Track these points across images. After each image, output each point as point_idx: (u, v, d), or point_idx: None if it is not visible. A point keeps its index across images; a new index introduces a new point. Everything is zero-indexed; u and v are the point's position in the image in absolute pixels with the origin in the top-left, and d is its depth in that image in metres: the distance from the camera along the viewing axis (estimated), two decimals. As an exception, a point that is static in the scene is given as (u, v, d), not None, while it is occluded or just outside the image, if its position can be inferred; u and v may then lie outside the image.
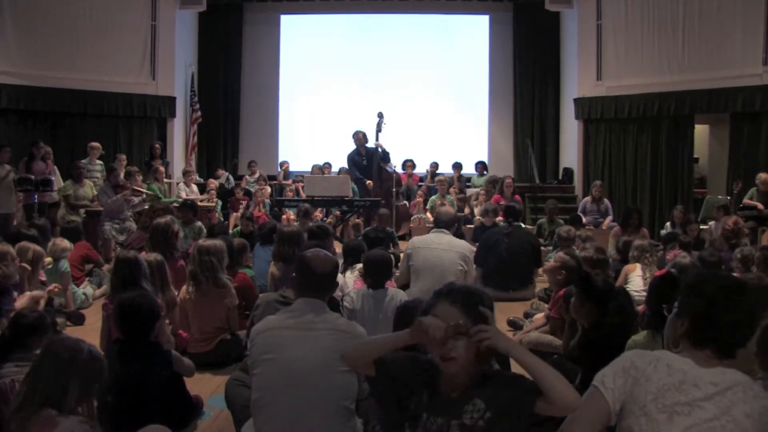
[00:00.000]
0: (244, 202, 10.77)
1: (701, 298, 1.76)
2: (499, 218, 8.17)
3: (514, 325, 5.45)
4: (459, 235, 6.52)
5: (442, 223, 5.45)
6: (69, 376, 2.37)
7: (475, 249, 5.96)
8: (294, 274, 2.85)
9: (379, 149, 10.16)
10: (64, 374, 2.36)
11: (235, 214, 10.37)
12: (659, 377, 1.68)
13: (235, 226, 9.31)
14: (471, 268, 5.35)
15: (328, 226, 6.19)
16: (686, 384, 1.66)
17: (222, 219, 10.32)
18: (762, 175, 9.02)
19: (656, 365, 1.70)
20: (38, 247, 5.12)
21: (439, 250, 5.17)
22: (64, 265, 5.90)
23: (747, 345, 1.79)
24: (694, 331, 1.76)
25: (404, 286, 4.97)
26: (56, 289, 5.43)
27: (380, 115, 10.07)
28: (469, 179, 12.34)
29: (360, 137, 10.22)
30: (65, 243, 6.06)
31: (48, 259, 5.79)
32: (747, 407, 1.64)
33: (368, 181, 10.18)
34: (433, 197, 10.62)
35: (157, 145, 11.08)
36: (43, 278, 5.45)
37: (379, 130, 10.06)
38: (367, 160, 10.24)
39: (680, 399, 1.64)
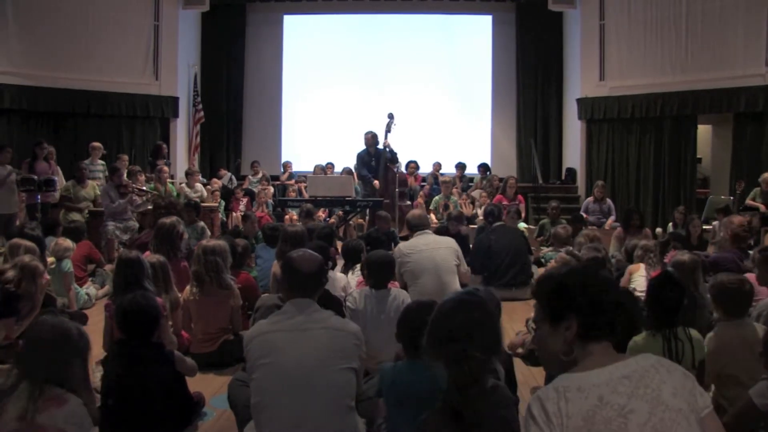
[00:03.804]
0: (244, 201, 10.77)
1: (584, 293, 1.63)
2: (481, 218, 8.25)
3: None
4: (462, 236, 6.55)
5: (416, 227, 5.52)
6: (68, 355, 2.40)
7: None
8: (281, 276, 2.85)
9: (387, 149, 10.16)
10: (62, 353, 2.39)
11: (234, 214, 10.39)
12: (579, 407, 1.52)
13: (236, 226, 9.32)
14: (462, 262, 5.46)
15: (334, 230, 6.17)
16: (605, 396, 1.53)
17: (224, 219, 10.32)
18: (765, 176, 9.00)
19: (567, 396, 1.54)
20: (30, 243, 5.01)
21: (428, 251, 5.24)
22: (67, 265, 5.89)
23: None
24: (585, 327, 1.62)
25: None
26: (47, 278, 5.35)
27: (390, 116, 10.05)
28: (471, 179, 12.33)
29: (369, 138, 10.20)
30: (68, 243, 6.06)
31: (51, 259, 5.79)
32: (669, 386, 1.55)
33: (375, 181, 10.16)
34: (437, 198, 10.61)
35: (163, 145, 11.08)
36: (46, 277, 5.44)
37: (388, 130, 10.05)
38: (376, 161, 10.24)
39: (609, 415, 1.50)
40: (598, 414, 1.50)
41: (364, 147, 10.33)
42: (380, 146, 10.15)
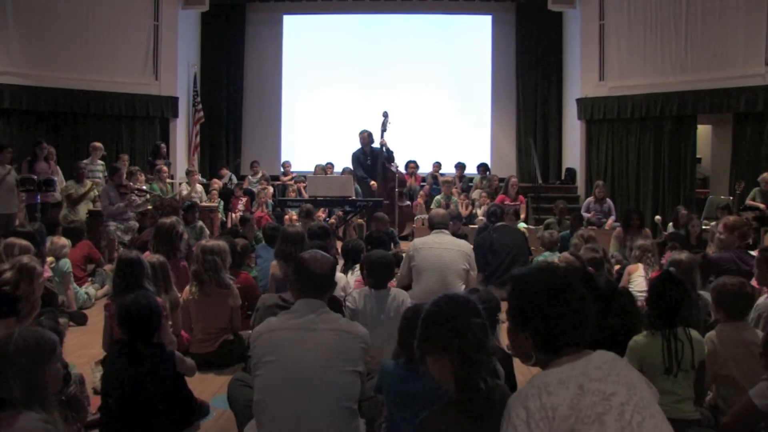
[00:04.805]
0: (244, 200, 10.78)
1: (532, 310, 1.71)
2: (481, 218, 8.29)
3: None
4: (461, 235, 6.54)
5: (436, 224, 5.51)
6: (5, 370, 2.18)
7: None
8: (292, 276, 2.85)
9: (384, 148, 10.14)
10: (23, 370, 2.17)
11: (233, 215, 10.39)
12: (562, 398, 1.58)
13: (235, 225, 9.32)
14: (473, 268, 5.39)
15: (328, 226, 6.21)
16: (585, 384, 1.60)
17: (224, 219, 10.33)
18: (765, 176, 9.00)
19: (548, 390, 1.59)
20: (25, 242, 4.91)
21: (440, 250, 5.21)
22: (66, 264, 5.89)
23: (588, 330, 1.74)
24: (540, 344, 1.71)
25: (406, 287, 4.97)
26: (48, 274, 5.33)
27: (385, 115, 10.08)
28: (471, 179, 12.33)
29: (365, 137, 10.20)
30: (63, 240, 6.06)
31: (49, 258, 5.79)
32: (635, 374, 1.70)
33: (372, 182, 10.16)
34: (437, 197, 10.61)
35: (162, 145, 11.09)
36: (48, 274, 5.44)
37: (384, 129, 10.06)
38: (372, 160, 10.22)
39: (593, 400, 1.57)
40: (582, 401, 1.58)
41: (359, 146, 10.33)
42: (376, 145, 10.14)
